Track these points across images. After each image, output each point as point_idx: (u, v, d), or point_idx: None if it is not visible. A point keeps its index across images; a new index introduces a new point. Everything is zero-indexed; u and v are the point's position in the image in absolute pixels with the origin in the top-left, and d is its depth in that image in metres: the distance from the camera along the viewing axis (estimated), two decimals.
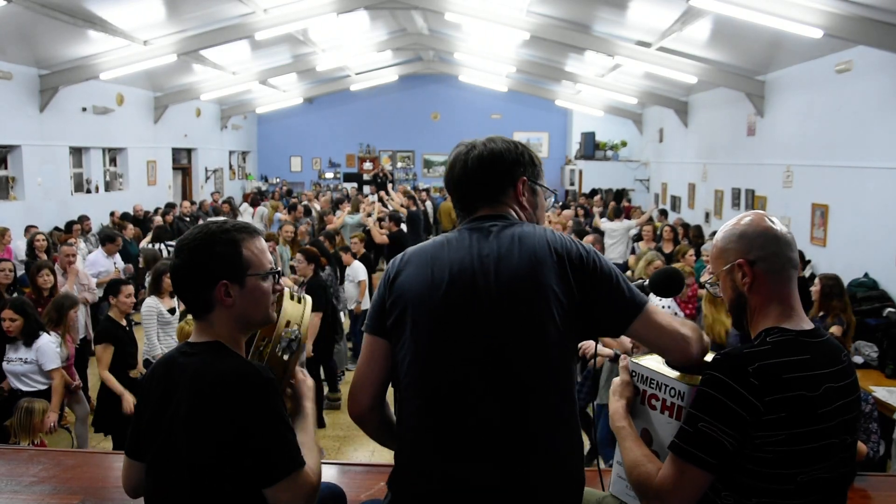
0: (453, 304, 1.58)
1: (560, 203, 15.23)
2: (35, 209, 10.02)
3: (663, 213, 12.39)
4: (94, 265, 7.47)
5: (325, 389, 6.56)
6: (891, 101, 6.61)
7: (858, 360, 5.50)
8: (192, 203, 13.19)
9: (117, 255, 7.80)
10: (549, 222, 9.93)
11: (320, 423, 5.98)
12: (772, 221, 1.68)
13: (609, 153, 16.72)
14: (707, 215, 11.87)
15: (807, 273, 7.41)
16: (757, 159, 9.85)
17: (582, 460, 1.69)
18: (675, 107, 13.28)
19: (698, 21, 8.06)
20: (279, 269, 1.79)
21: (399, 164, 20.13)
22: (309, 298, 1.93)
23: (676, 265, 5.61)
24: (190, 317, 4.33)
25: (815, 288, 5.10)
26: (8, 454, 3.00)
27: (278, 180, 19.76)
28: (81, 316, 6.45)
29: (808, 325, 1.66)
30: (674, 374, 1.75)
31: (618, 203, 13.29)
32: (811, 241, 7.91)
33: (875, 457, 3.56)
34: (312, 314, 1.94)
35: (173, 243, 9.17)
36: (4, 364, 4.57)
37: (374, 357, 1.68)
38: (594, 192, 15.74)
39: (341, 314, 7.11)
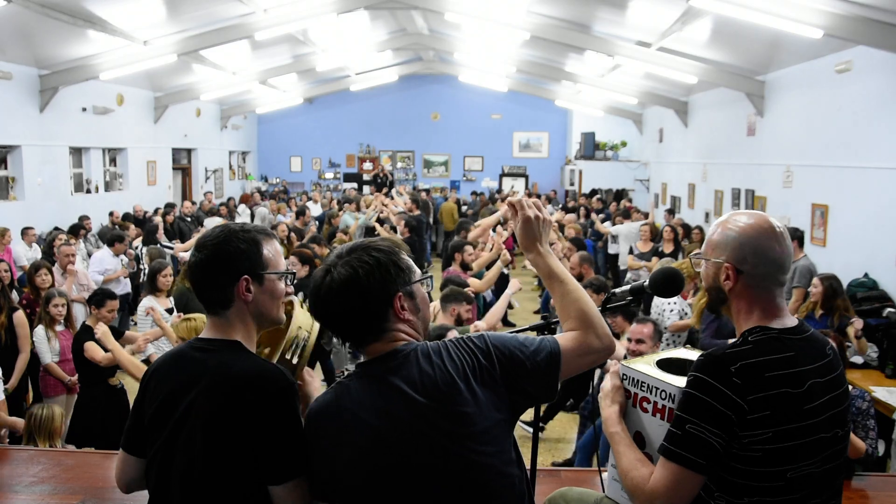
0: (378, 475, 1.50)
1: (560, 205, 15.24)
2: (35, 209, 10.01)
3: (670, 212, 12.40)
4: (100, 262, 7.55)
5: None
6: (891, 101, 6.61)
7: (858, 360, 5.50)
8: (193, 203, 13.20)
9: (123, 255, 7.87)
10: (555, 223, 9.96)
11: None
12: (776, 239, 1.65)
13: (609, 153, 16.71)
14: (707, 215, 11.86)
15: None
16: (757, 159, 9.84)
17: None
18: (675, 107, 13.28)
19: (698, 21, 8.05)
20: (292, 271, 1.81)
21: (399, 164, 20.12)
22: None
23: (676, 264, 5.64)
24: (184, 315, 4.27)
25: (815, 290, 5.09)
26: (8, 454, 3.00)
27: (278, 180, 19.76)
28: (81, 315, 6.46)
29: (791, 322, 1.68)
30: (664, 376, 1.75)
31: (618, 203, 13.28)
32: (811, 241, 7.90)
33: (873, 454, 3.56)
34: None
35: (171, 244, 9.30)
36: None
37: None
38: (594, 192, 15.74)
39: None
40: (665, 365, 1.83)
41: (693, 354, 1.93)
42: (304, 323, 1.85)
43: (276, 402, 1.57)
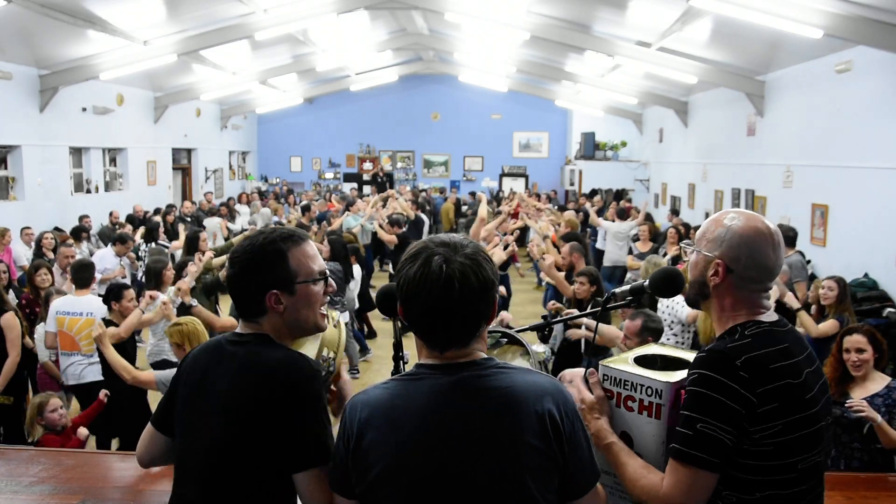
0: (427, 482, 1.41)
1: (557, 206, 15.24)
2: (35, 209, 10.01)
3: (674, 212, 12.38)
4: (102, 261, 7.58)
5: None
6: (891, 101, 6.61)
7: None
8: (193, 203, 13.20)
9: (125, 256, 7.90)
10: (553, 222, 9.91)
11: None
12: (773, 246, 1.65)
13: (609, 153, 16.71)
14: (707, 215, 11.83)
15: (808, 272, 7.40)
16: (757, 159, 9.84)
17: None
18: (675, 107, 13.28)
19: (698, 21, 8.05)
20: (328, 272, 1.80)
21: (399, 164, 20.12)
22: (343, 324, 2.00)
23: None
24: (175, 320, 4.23)
25: (832, 292, 4.99)
26: (8, 454, 2.99)
27: (278, 180, 19.76)
28: None
29: (774, 315, 1.70)
30: (648, 373, 1.71)
31: (618, 203, 13.24)
32: (811, 241, 7.90)
33: None
34: None
35: (166, 243, 9.30)
36: None
37: None
38: (594, 192, 15.74)
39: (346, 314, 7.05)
40: (642, 362, 1.79)
41: (665, 350, 1.91)
42: (329, 343, 1.84)
43: (300, 389, 1.59)
